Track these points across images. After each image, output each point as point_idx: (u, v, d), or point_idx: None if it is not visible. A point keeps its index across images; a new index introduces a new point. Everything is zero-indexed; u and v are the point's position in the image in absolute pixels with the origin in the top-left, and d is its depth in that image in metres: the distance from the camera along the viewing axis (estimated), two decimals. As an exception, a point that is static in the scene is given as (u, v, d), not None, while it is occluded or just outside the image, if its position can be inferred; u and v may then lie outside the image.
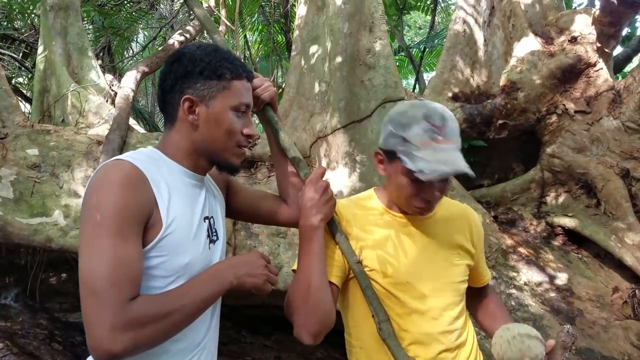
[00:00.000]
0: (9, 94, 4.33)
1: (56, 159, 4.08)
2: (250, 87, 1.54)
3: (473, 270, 1.75)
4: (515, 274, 3.49)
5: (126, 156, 1.38)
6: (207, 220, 1.50)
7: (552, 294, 3.39)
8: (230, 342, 4.42)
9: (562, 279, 3.53)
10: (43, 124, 4.81)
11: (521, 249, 3.76)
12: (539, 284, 3.47)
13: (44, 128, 4.36)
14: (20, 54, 8.23)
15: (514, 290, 3.33)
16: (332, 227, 1.60)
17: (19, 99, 7.25)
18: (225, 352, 4.42)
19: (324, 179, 1.58)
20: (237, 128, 1.47)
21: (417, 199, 1.53)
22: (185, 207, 1.42)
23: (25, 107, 8.00)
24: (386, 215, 1.65)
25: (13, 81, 8.32)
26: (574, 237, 3.97)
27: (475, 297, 1.85)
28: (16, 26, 8.56)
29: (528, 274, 3.53)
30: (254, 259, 1.46)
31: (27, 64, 8.09)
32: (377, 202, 1.68)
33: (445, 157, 1.44)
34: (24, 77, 9.29)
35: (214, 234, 1.53)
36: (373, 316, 1.57)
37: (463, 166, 1.41)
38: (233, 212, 1.77)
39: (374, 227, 1.64)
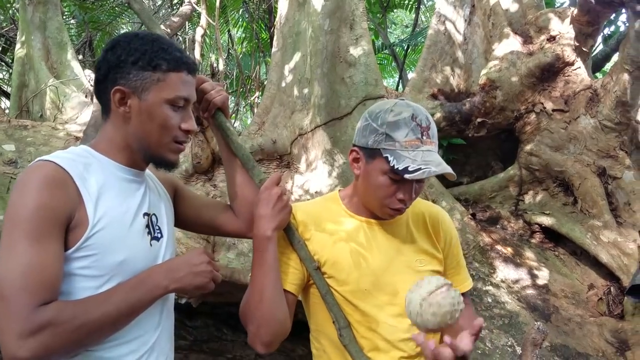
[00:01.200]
0: (-15, 88, 4.27)
1: (33, 155, 4.03)
2: (192, 81, 1.45)
3: (446, 274, 1.68)
4: (492, 271, 3.52)
5: (52, 156, 1.31)
6: (146, 217, 1.43)
7: (529, 291, 3.43)
8: (211, 339, 4.40)
9: (538, 276, 3.56)
10: (21, 119, 4.75)
11: (499, 247, 3.79)
12: (516, 281, 3.50)
13: (21, 123, 4.31)
14: (0, 49, 8.11)
15: (490, 287, 3.35)
16: (289, 233, 1.56)
17: (-3, 93, 7.15)
18: (205, 349, 4.40)
19: (279, 185, 1.53)
20: (173, 123, 1.39)
21: (393, 199, 1.50)
22: (118, 204, 1.35)
23: (3, 102, 7.89)
24: (348, 219, 1.61)
25: (-9, 76, 8.20)
26: (551, 235, 4.02)
27: None
28: (-6, 20, 8.43)
29: (505, 271, 3.56)
30: (196, 257, 1.38)
31: (6, 59, 7.98)
32: (340, 205, 1.64)
33: (430, 157, 1.43)
34: (4, 72, 9.16)
35: (157, 231, 1.46)
36: (334, 322, 1.55)
37: (448, 167, 1.41)
38: (179, 220, 1.68)
39: (334, 232, 1.60)
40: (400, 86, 9.21)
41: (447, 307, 1.30)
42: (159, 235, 1.47)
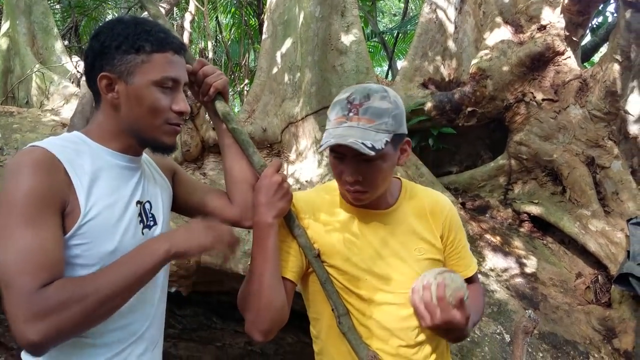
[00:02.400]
0: (-31, 74, 4.19)
1: (19, 142, 3.97)
2: (180, 61, 1.42)
3: (447, 261, 1.68)
4: (481, 260, 3.55)
5: (43, 142, 1.30)
6: (139, 205, 1.41)
7: (517, 280, 3.45)
8: (201, 328, 4.40)
9: (527, 264, 3.59)
10: (6, 105, 4.68)
11: (488, 236, 3.81)
12: (505, 270, 3.53)
13: (7, 110, 4.24)
14: (-17, 33, 7.95)
15: (479, 276, 3.38)
16: (289, 221, 1.55)
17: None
18: (195, 338, 4.40)
19: (279, 172, 1.52)
20: (163, 104, 1.36)
21: (343, 181, 1.50)
22: (110, 192, 1.33)
23: (-12, 88, 7.75)
24: (346, 208, 1.60)
25: (-25, 61, 8.04)
26: (540, 224, 4.05)
27: None
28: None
29: (494, 260, 3.58)
30: (195, 224, 1.35)
31: (-10, 44, 7.82)
32: (337, 195, 1.63)
33: (342, 131, 1.40)
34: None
35: (150, 218, 1.45)
36: (333, 310, 1.56)
37: (350, 141, 1.35)
38: (181, 206, 1.67)
39: (332, 221, 1.60)
40: (390, 75, 9.18)
41: (459, 283, 1.45)
42: (152, 223, 1.45)
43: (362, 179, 1.46)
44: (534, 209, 4.05)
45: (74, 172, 1.27)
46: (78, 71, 5.39)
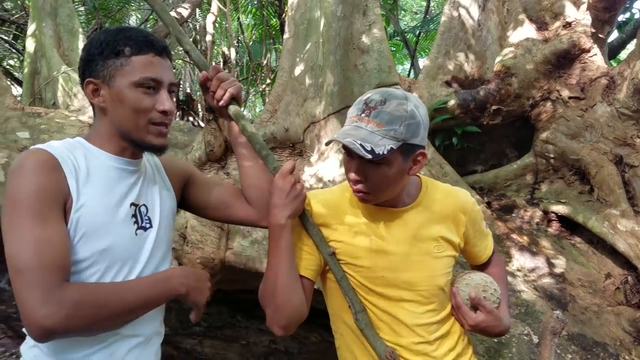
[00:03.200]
0: (-2, 76, 4.27)
1: (47, 142, 4.04)
2: (163, 62, 1.45)
3: (470, 251, 1.75)
4: (507, 260, 3.50)
5: (44, 145, 1.37)
6: (133, 207, 1.46)
7: (545, 280, 3.41)
8: (225, 326, 4.43)
9: (555, 265, 3.54)
10: (34, 106, 4.76)
11: (514, 236, 3.77)
12: (532, 270, 3.48)
13: (34, 111, 4.31)
14: (11, 36, 8.12)
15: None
16: (304, 220, 1.59)
17: (10, 81, 7.17)
18: (220, 336, 4.43)
19: (293, 173, 1.55)
20: (145, 105, 1.40)
21: (348, 179, 1.53)
22: (103, 192, 1.40)
23: (16, 89, 7.91)
24: (361, 206, 1.61)
25: (4, 63, 8.22)
26: (567, 224, 3.98)
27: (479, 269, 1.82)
28: (6, 7, 8.42)
29: (521, 260, 3.54)
30: (203, 278, 1.51)
31: (17, 46, 7.98)
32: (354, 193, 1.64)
33: (349, 130, 1.44)
34: (15, 59, 9.17)
35: (146, 221, 1.50)
36: (350, 307, 1.58)
37: (347, 140, 1.39)
38: (191, 205, 1.74)
39: (348, 219, 1.62)
40: (412, 73, 9.14)
41: (475, 283, 1.59)
42: (147, 225, 1.50)
43: (365, 180, 1.49)
44: (562, 209, 3.99)
45: (70, 173, 1.34)
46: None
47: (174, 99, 1.54)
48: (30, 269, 1.19)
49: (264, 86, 9.25)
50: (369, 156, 1.37)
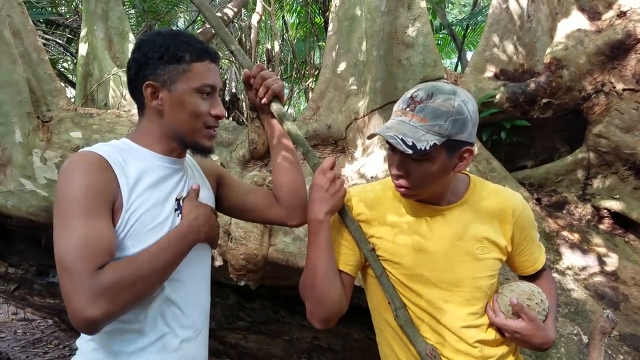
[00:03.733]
0: (53, 78, 4.43)
1: (99, 142, 4.16)
2: (216, 69, 1.54)
3: (516, 258, 1.69)
4: (557, 258, 3.39)
5: (93, 147, 1.45)
6: (177, 201, 1.53)
7: (596, 279, 3.28)
8: (269, 321, 4.47)
9: (607, 263, 3.40)
10: (86, 107, 4.92)
11: (565, 233, 3.65)
12: (583, 269, 3.36)
13: (87, 111, 4.46)
14: (65, 39, 8.43)
15: (555, 275, 3.23)
16: (344, 216, 1.61)
17: (64, 83, 7.45)
18: (263, 331, 4.48)
19: (333, 169, 1.59)
20: (203, 109, 1.49)
21: (390, 173, 1.54)
22: (152, 190, 1.46)
23: (69, 91, 8.21)
24: (404, 203, 1.61)
25: (57, 66, 8.54)
26: (621, 220, 3.82)
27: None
28: (60, 11, 8.75)
29: (571, 258, 3.42)
30: (210, 214, 1.57)
31: (71, 49, 8.28)
32: (396, 190, 1.62)
33: (392, 124, 1.43)
34: (69, 62, 9.52)
35: None
36: (389, 303, 1.57)
37: (388, 134, 1.39)
38: (224, 207, 1.80)
39: (389, 216, 1.62)
40: (460, 67, 8.97)
41: (519, 291, 1.54)
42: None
43: (406, 176, 1.48)
44: (615, 205, 3.83)
45: (121, 173, 1.41)
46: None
47: None
48: (75, 263, 1.25)
49: (307, 83, 9.29)
50: (410, 151, 1.36)
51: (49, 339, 6.95)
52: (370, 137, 1.52)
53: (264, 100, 1.67)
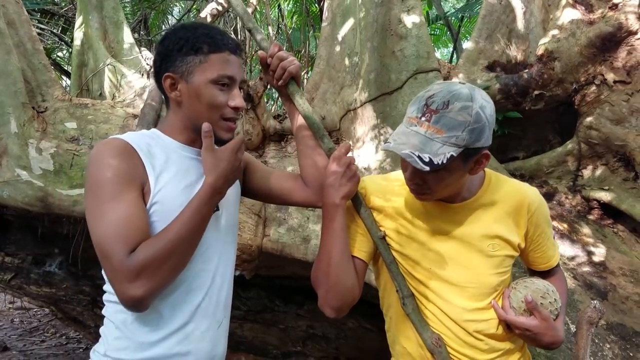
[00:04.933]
0: (47, 68, 4.43)
1: (94, 132, 4.18)
2: (237, 60, 1.53)
3: (530, 254, 1.67)
4: (546, 248, 3.45)
5: (122, 135, 1.46)
6: None
7: (585, 269, 3.34)
8: (264, 310, 4.51)
9: (595, 253, 3.46)
10: (81, 97, 4.92)
11: (555, 223, 3.70)
12: (572, 259, 3.42)
13: (82, 102, 4.46)
14: (59, 29, 8.38)
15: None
16: (357, 202, 1.60)
17: (59, 73, 7.42)
18: (259, 320, 4.53)
19: (348, 155, 1.58)
20: (220, 101, 1.48)
21: (405, 179, 1.52)
22: (178, 179, 1.47)
23: (64, 81, 8.18)
24: (416, 198, 1.58)
25: (53, 55, 8.50)
26: (610, 211, 3.88)
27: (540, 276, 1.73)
28: (55, 1, 8.70)
29: (561, 248, 3.47)
30: (226, 157, 1.46)
31: (66, 39, 8.24)
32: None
33: (407, 135, 1.37)
34: (64, 51, 9.48)
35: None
36: (397, 291, 1.58)
37: (404, 152, 1.34)
38: (251, 191, 1.80)
39: (401, 209, 1.61)
40: (455, 57, 8.98)
41: (534, 288, 1.52)
42: (215, 209, 1.55)
43: (422, 183, 1.46)
44: (605, 196, 3.88)
45: (147, 161, 1.43)
46: (148, 64, 5.59)
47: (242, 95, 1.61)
48: (111, 248, 1.29)
49: (302, 73, 9.29)
50: (427, 168, 1.32)
51: (46, 328, 6.99)
52: (385, 149, 1.44)
53: (280, 83, 1.64)
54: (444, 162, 1.32)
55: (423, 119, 1.36)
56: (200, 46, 1.46)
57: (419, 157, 1.32)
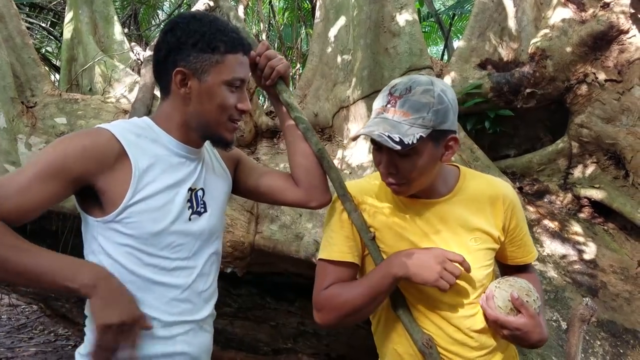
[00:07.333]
0: (37, 63, 4.38)
1: (84, 128, 4.15)
2: (247, 61, 1.50)
3: (508, 248, 1.68)
4: (538, 246, 3.46)
5: (112, 124, 1.41)
6: (190, 191, 1.49)
7: (576, 266, 3.36)
8: (255, 307, 4.51)
9: (586, 251, 3.48)
10: (71, 92, 4.88)
11: (546, 221, 3.72)
12: (563, 257, 3.44)
13: (71, 97, 4.42)
14: (49, 23, 8.30)
15: (536, 262, 3.30)
16: (346, 203, 1.60)
17: (48, 68, 7.35)
18: (250, 317, 4.52)
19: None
20: (230, 103, 1.45)
21: (379, 171, 1.52)
22: (164, 177, 1.43)
23: (54, 76, 8.11)
24: (397, 198, 1.59)
25: (42, 50, 8.42)
26: (601, 209, 3.90)
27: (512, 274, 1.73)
28: (44, -6, 8.61)
29: (552, 246, 3.50)
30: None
31: (55, 33, 8.16)
32: None
33: (376, 122, 1.41)
34: (53, 46, 9.38)
35: (200, 205, 1.52)
36: None
37: (376, 133, 1.37)
38: (241, 190, 1.77)
39: (383, 210, 1.61)
40: (446, 55, 9.00)
41: (518, 287, 1.50)
42: (202, 210, 1.53)
43: (396, 172, 1.47)
44: (595, 194, 3.90)
45: (133, 155, 1.38)
46: (138, 59, 5.55)
47: None
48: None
49: (294, 70, 9.26)
50: (398, 147, 1.35)
51: (34, 325, 6.94)
52: (355, 138, 1.49)
53: (268, 82, 1.62)
54: (414, 142, 1.36)
55: (389, 105, 1.42)
56: (217, 45, 1.41)
57: (389, 137, 1.36)
